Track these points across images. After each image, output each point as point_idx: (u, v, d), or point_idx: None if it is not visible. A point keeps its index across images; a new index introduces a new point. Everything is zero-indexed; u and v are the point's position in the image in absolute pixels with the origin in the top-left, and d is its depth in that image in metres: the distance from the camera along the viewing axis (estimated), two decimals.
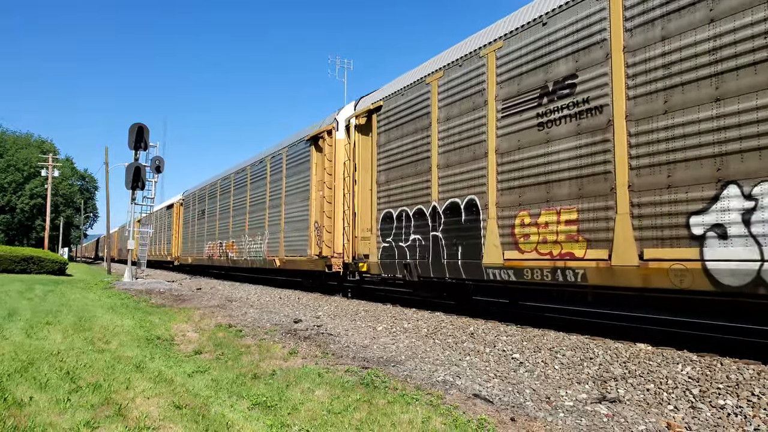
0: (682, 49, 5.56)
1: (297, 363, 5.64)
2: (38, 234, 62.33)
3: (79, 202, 72.42)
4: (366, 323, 8.52)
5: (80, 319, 8.54)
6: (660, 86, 5.73)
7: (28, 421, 3.56)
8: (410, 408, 4.01)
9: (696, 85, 5.41)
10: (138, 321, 8.57)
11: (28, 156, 60.33)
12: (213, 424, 3.60)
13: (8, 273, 22.18)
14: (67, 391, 4.31)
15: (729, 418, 3.87)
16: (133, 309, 10.46)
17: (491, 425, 3.69)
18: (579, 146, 6.58)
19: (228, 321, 8.78)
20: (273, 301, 12.12)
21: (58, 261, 24.73)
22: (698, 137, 5.35)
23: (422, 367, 5.52)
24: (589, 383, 4.91)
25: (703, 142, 5.31)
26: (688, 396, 4.33)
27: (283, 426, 3.63)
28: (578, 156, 6.58)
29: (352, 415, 3.87)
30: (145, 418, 3.69)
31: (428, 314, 8.87)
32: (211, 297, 13.42)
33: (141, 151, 21.88)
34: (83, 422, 3.57)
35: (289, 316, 9.51)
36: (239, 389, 4.52)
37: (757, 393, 4.15)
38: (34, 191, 60.23)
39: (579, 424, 3.82)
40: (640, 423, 3.86)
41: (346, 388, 4.55)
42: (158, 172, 23.23)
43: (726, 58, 5.17)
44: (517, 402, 4.35)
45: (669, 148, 5.59)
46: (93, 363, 5.36)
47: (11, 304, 10.39)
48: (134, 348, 6.30)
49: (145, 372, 5.06)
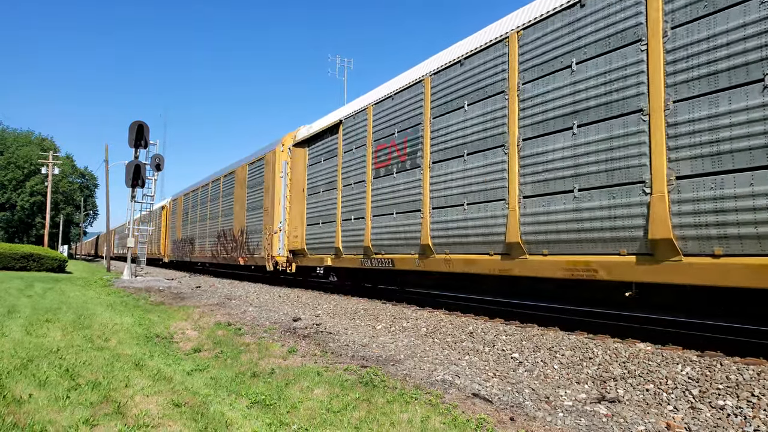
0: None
1: (296, 361, 5.63)
2: (38, 231, 62.36)
3: (79, 199, 72.43)
4: (365, 322, 8.51)
5: (79, 316, 8.54)
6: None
7: (27, 419, 3.56)
8: (409, 407, 4.01)
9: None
10: (137, 319, 8.57)
11: (29, 153, 60.34)
12: (212, 423, 3.59)
13: (8, 270, 22.19)
14: (66, 388, 4.30)
15: (729, 418, 3.87)
16: (132, 307, 10.46)
17: (490, 425, 3.69)
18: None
19: (227, 319, 8.78)
20: (272, 300, 12.12)
21: (57, 258, 24.74)
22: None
23: (421, 366, 5.51)
24: (589, 383, 4.90)
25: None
26: (688, 396, 4.32)
27: (282, 424, 3.62)
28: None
29: (351, 413, 3.86)
30: (144, 416, 3.69)
31: (427, 313, 8.87)
32: (210, 295, 13.42)
33: (141, 149, 21.90)
34: (82, 420, 3.57)
35: (289, 314, 9.50)
36: (238, 387, 4.51)
37: (757, 394, 4.15)
38: (35, 189, 60.26)
39: (578, 424, 3.81)
40: (639, 423, 3.86)
41: (345, 386, 4.55)
42: (158, 169, 23.24)
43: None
44: (517, 401, 4.35)
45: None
46: (92, 361, 5.35)
47: (11, 302, 10.39)
48: (133, 346, 6.30)
49: (144, 370, 5.05)
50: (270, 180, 15.71)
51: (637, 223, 5.78)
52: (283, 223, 15.03)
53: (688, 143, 5.36)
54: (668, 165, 5.53)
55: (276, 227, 15.10)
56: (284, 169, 15.17)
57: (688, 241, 5.35)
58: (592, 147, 6.32)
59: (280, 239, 15.00)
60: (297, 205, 14.27)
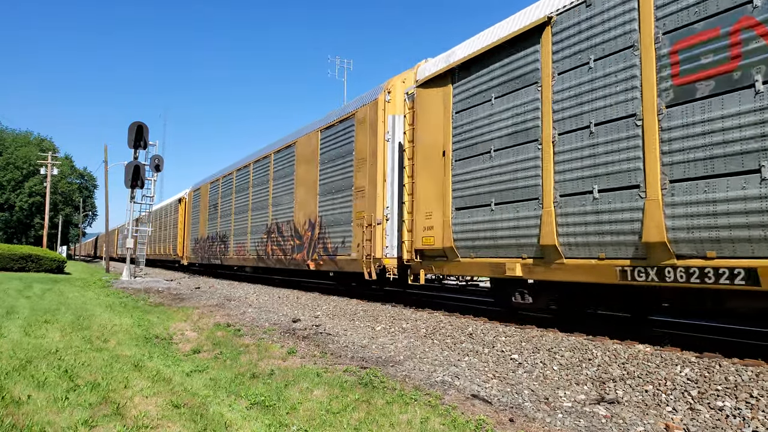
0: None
1: (296, 362, 5.63)
2: (37, 232, 62.28)
3: (78, 200, 72.37)
4: (364, 323, 8.51)
5: (78, 317, 8.53)
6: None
7: (26, 420, 3.56)
8: (409, 408, 4.01)
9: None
10: (136, 320, 8.56)
11: (28, 154, 60.27)
12: (211, 424, 3.59)
13: (7, 271, 22.16)
14: (65, 389, 4.30)
15: (727, 419, 3.88)
16: (131, 308, 10.45)
17: (490, 426, 3.69)
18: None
19: (227, 320, 8.78)
20: (272, 301, 12.12)
21: (56, 259, 24.70)
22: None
23: (421, 368, 5.52)
24: (588, 384, 4.91)
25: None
26: (687, 397, 4.33)
27: (282, 425, 3.62)
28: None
29: (350, 414, 3.86)
30: (144, 417, 3.69)
31: (427, 314, 8.87)
32: (209, 296, 13.41)
33: (140, 149, 21.91)
34: (81, 421, 3.56)
35: (288, 315, 9.50)
36: (238, 388, 4.51)
37: (755, 395, 4.15)
38: (33, 189, 60.17)
39: (577, 425, 3.82)
40: (638, 424, 3.86)
41: (344, 387, 4.55)
42: (157, 170, 23.25)
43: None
44: (516, 403, 4.35)
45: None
46: (91, 362, 5.35)
47: (9, 303, 10.37)
48: (132, 347, 6.29)
49: (144, 371, 5.05)
50: (366, 146, 11.01)
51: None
52: (393, 209, 10.43)
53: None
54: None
55: (380, 215, 10.43)
56: (393, 127, 10.62)
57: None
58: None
59: (388, 233, 10.38)
60: (428, 180, 9.14)
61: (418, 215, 9.29)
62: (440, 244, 8.71)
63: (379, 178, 10.54)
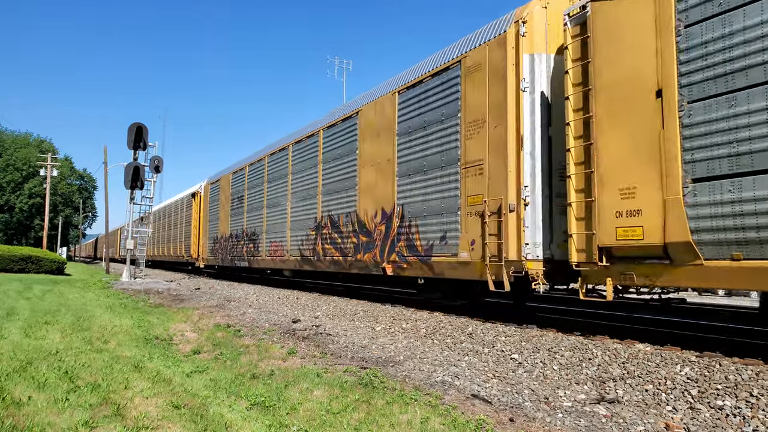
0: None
1: (296, 363, 5.63)
2: (37, 233, 62.27)
3: (78, 201, 72.37)
4: (364, 323, 8.51)
5: (78, 318, 8.53)
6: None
7: (26, 421, 3.56)
8: (409, 408, 4.01)
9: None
10: (136, 321, 8.56)
11: (27, 155, 60.30)
12: (211, 424, 3.59)
13: (7, 272, 22.15)
14: (65, 390, 4.30)
15: (728, 418, 3.88)
16: (131, 309, 10.45)
17: (490, 425, 3.69)
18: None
19: (227, 321, 8.78)
20: (272, 301, 12.12)
21: (56, 260, 24.70)
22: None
23: (421, 368, 5.52)
24: (588, 384, 4.91)
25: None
26: (687, 397, 4.33)
27: (282, 426, 3.63)
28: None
29: (350, 415, 3.86)
30: (144, 418, 3.69)
31: (427, 314, 8.87)
32: (209, 297, 13.41)
33: (140, 150, 21.91)
34: (82, 422, 3.57)
35: (288, 316, 9.50)
36: (238, 389, 4.51)
37: (755, 394, 4.16)
38: (33, 191, 60.19)
39: (578, 425, 3.82)
40: (638, 423, 3.86)
41: (344, 388, 4.55)
42: (157, 171, 23.24)
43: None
44: (516, 402, 4.35)
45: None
46: (91, 363, 5.35)
47: (10, 304, 10.37)
48: (132, 348, 6.29)
49: (144, 372, 5.05)
50: (483, 103, 8.08)
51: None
52: (534, 190, 7.37)
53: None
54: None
55: (513, 198, 7.46)
56: (531, 72, 7.51)
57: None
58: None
59: (527, 224, 7.32)
60: (624, 139, 6.02)
61: (605, 194, 6.17)
62: (658, 239, 5.60)
63: (510, 147, 7.51)
